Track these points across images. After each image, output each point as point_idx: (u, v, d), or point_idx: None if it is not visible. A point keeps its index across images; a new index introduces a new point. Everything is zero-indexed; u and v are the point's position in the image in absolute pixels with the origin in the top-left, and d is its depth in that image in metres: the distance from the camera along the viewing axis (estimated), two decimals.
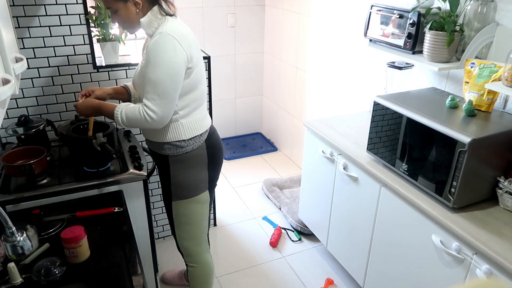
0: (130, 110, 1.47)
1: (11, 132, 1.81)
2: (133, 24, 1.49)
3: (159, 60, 1.38)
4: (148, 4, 1.46)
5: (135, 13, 1.45)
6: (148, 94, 1.42)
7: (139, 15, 1.46)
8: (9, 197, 1.53)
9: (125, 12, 1.44)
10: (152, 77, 1.40)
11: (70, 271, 1.23)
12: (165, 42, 1.38)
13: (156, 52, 1.38)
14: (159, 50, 1.38)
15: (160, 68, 1.38)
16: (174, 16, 1.50)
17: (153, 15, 1.46)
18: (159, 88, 1.40)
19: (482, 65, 1.60)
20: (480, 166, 1.47)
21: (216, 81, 3.62)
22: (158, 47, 1.38)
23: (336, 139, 2.05)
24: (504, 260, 1.25)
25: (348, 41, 2.59)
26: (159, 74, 1.39)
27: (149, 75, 1.41)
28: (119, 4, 1.43)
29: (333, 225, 2.20)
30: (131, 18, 1.47)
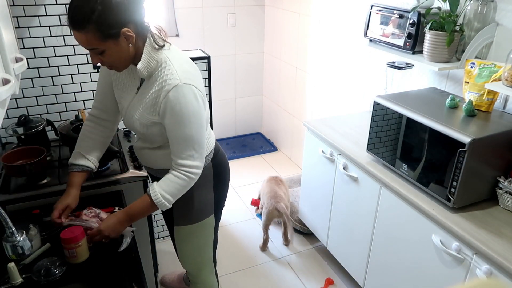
0: (169, 187, 1.30)
1: (11, 132, 1.81)
2: (124, 63, 1.25)
3: (185, 115, 1.23)
4: (139, 34, 1.21)
5: (127, 49, 1.19)
6: (182, 153, 1.28)
7: (132, 51, 1.21)
8: (9, 197, 1.53)
9: (115, 50, 1.17)
10: (182, 135, 1.26)
11: (70, 271, 1.23)
12: (185, 95, 1.22)
13: (180, 108, 1.22)
14: (182, 105, 1.22)
15: (189, 123, 1.25)
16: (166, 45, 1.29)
17: (147, 55, 1.23)
18: (194, 143, 1.28)
19: (482, 65, 1.60)
20: (480, 166, 1.47)
21: (216, 81, 3.62)
22: (180, 102, 1.22)
23: (336, 139, 2.05)
24: (504, 260, 1.25)
25: (348, 41, 2.59)
26: (191, 130, 1.26)
27: (178, 133, 1.26)
28: (108, 43, 1.15)
29: (333, 225, 2.20)
30: (123, 56, 1.21)
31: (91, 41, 1.13)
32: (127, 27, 1.15)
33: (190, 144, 1.27)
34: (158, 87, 1.24)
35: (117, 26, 1.13)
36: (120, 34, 1.14)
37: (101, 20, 1.10)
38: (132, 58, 1.24)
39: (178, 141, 1.27)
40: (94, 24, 1.10)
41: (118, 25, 1.13)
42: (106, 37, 1.13)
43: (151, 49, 1.24)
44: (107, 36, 1.13)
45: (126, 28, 1.15)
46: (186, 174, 1.30)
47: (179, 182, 1.30)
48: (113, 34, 1.14)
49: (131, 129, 1.41)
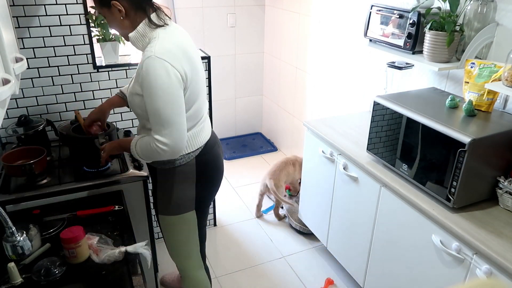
0: (143, 144, 1.39)
1: (11, 132, 1.81)
2: (123, 31, 1.40)
3: (153, 88, 1.28)
4: (135, 11, 1.35)
5: (120, 19, 1.35)
6: (153, 126, 1.34)
7: (126, 22, 1.36)
8: (9, 197, 1.53)
9: (111, 18, 1.36)
10: (151, 108, 1.31)
11: (70, 271, 1.23)
12: (155, 68, 1.27)
13: (149, 80, 1.28)
14: (151, 77, 1.27)
15: (156, 96, 1.29)
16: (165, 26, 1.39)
17: (141, 30, 1.36)
18: (161, 118, 1.31)
19: (482, 65, 1.60)
20: (480, 166, 1.47)
21: (216, 81, 3.62)
22: (149, 74, 1.27)
23: (336, 139, 2.05)
24: (504, 260, 1.25)
25: (348, 41, 2.59)
26: (158, 103, 1.29)
27: (148, 106, 1.32)
28: (104, 10, 1.35)
29: (333, 225, 2.20)
30: (119, 24, 1.37)
31: (96, 5, 1.37)
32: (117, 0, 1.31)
33: (158, 119, 1.31)
34: (141, 59, 1.34)
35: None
36: (111, 5, 1.31)
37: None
38: (129, 29, 1.37)
39: (149, 113, 1.33)
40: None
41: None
42: (102, 4, 1.33)
43: (146, 26, 1.36)
44: (102, 4, 1.33)
45: (115, 1, 1.30)
46: (156, 146, 1.34)
47: (150, 148, 1.36)
48: (106, 3, 1.32)
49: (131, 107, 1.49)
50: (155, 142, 1.34)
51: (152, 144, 1.34)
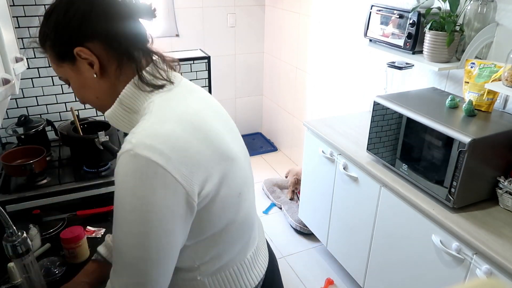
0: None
1: (11, 132, 1.81)
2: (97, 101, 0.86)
3: (121, 204, 0.72)
4: (118, 62, 0.81)
5: (93, 80, 0.81)
6: (114, 264, 0.79)
7: (102, 85, 0.82)
8: (9, 197, 1.53)
9: (75, 79, 0.83)
10: (115, 238, 0.75)
11: (70, 271, 1.23)
12: (133, 173, 0.69)
13: (117, 190, 0.72)
14: (120, 186, 0.71)
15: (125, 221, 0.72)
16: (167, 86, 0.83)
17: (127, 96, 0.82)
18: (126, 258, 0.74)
19: (482, 65, 1.60)
20: (480, 166, 1.47)
21: (216, 81, 3.62)
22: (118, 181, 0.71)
23: (336, 139, 2.05)
24: (504, 260, 1.25)
25: (348, 41, 2.59)
26: (124, 234, 0.73)
27: (113, 232, 0.76)
28: (65, 67, 0.82)
29: (333, 225, 2.20)
30: (90, 90, 0.83)
31: (52, 65, 0.84)
32: (84, 46, 0.78)
33: (117, 257, 0.76)
34: None
35: (71, 42, 0.78)
36: (75, 55, 0.79)
37: (58, 33, 0.80)
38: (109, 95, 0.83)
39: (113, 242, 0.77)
40: (50, 39, 0.82)
41: (72, 41, 0.78)
42: (61, 58, 0.81)
43: (136, 89, 0.81)
44: (61, 57, 0.81)
45: (80, 47, 0.78)
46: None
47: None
48: (67, 54, 0.80)
49: None
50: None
51: None
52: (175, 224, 0.73)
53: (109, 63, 0.80)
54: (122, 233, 0.73)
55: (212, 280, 0.86)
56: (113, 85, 0.82)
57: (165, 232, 0.72)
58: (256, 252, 0.94)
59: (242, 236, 0.88)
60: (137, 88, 0.81)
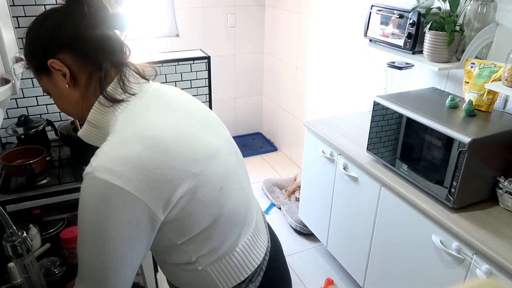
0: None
1: (11, 132, 1.81)
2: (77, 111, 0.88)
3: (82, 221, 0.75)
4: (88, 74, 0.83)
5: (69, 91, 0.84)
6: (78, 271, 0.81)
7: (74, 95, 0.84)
8: (9, 197, 1.53)
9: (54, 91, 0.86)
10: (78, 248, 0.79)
11: (70, 271, 1.23)
12: (92, 194, 0.73)
13: (80, 207, 0.75)
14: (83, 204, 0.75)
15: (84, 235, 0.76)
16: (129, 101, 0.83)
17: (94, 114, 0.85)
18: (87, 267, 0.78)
19: (482, 65, 1.60)
20: (480, 166, 1.47)
21: (216, 81, 3.62)
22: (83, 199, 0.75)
23: (336, 139, 2.05)
24: (504, 260, 1.25)
25: (348, 41, 2.59)
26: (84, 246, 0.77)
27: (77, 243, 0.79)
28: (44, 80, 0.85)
29: (333, 225, 2.20)
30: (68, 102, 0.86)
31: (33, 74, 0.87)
32: (55, 57, 0.80)
33: (80, 266, 0.79)
34: None
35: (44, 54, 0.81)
36: (49, 68, 0.81)
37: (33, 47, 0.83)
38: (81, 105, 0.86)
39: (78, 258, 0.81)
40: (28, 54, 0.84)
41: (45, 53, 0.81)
42: (38, 70, 0.84)
43: (100, 106, 0.83)
44: (39, 69, 0.84)
45: (52, 59, 0.80)
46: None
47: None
48: (42, 66, 0.82)
49: None
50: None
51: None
52: (135, 236, 0.75)
53: (79, 73, 0.82)
54: (83, 244, 0.76)
55: (215, 268, 0.88)
56: (84, 95, 0.84)
57: (122, 244, 0.75)
58: (255, 234, 0.96)
59: (234, 226, 0.89)
60: (100, 104, 0.83)
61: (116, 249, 0.75)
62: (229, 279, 0.91)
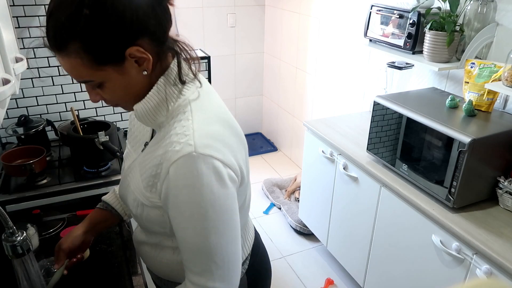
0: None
1: (11, 132, 1.81)
2: (135, 97, 0.80)
3: (197, 209, 0.74)
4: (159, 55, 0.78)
5: (139, 79, 0.77)
6: (194, 265, 0.79)
7: (144, 80, 0.78)
8: (9, 197, 1.53)
9: (119, 82, 0.76)
10: (193, 240, 0.77)
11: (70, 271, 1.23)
12: (202, 174, 0.72)
13: (187, 195, 0.74)
14: (189, 189, 0.73)
15: (204, 222, 0.75)
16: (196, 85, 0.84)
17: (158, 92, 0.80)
18: (214, 255, 0.77)
19: (482, 65, 1.60)
20: (480, 166, 1.47)
21: (216, 81, 3.62)
22: (188, 185, 0.73)
23: (336, 139, 2.05)
24: (504, 260, 1.25)
25: (348, 41, 2.59)
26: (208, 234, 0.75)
27: (186, 235, 0.77)
28: (106, 71, 0.73)
29: (333, 225, 2.20)
30: (133, 90, 0.79)
31: (79, 68, 0.72)
32: (137, 45, 0.72)
33: (206, 256, 0.77)
34: (163, 150, 0.77)
35: (120, 42, 0.71)
36: (125, 56, 0.72)
37: (93, 34, 0.68)
38: (148, 90, 0.80)
39: (187, 248, 0.79)
40: (80, 41, 0.69)
41: (122, 41, 0.71)
42: (102, 61, 0.71)
43: (167, 84, 0.80)
44: (103, 60, 0.71)
45: (136, 46, 0.72)
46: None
47: None
48: (114, 56, 0.72)
49: (125, 203, 0.96)
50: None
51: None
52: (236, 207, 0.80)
53: (156, 58, 0.78)
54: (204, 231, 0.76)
55: None
56: (152, 80, 0.80)
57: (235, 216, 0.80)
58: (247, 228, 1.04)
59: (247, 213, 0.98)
60: (166, 83, 0.80)
61: (233, 223, 0.79)
62: None
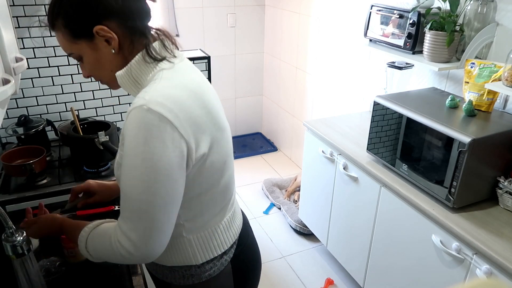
0: (99, 241, 0.91)
1: (11, 132, 1.81)
2: (110, 75, 0.92)
3: (133, 157, 0.80)
4: (131, 39, 0.88)
5: (109, 55, 0.88)
6: (121, 209, 0.86)
7: (118, 60, 0.89)
8: (9, 197, 1.53)
9: (92, 56, 0.88)
10: (124, 185, 0.83)
11: (70, 271, 1.23)
12: (145, 125, 0.78)
13: (129, 139, 0.80)
14: (132, 135, 0.80)
15: (135, 170, 0.80)
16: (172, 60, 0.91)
17: (135, 66, 0.89)
18: (134, 205, 0.82)
19: (482, 65, 1.60)
20: (480, 166, 1.47)
21: (216, 81, 3.62)
22: (131, 131, 0.80)
23: (336, 139, 2.05)
24: (504, 260, 1.25)
25: (348, 41, 2.59)
26: (134, 181, 0.81)
27: (122, 180, 0.84)
28: (80, 44, 0.86)
29: (333, 225, 2.20)
30: (105, 65, 0.90)
31: (63, 42, 0.88)
32: (102, 24, 0.84)
33: (128, 204, 0.83)
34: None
35: (89, 20, 0.84)
36: (94, 34, 0.84)
37: (69, 12, 0.84)
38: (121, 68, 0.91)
39: (121, 193, 0.85)
40: (62, 18, 0.85)
41: (90, 20, 0.84)
42: (77, 35, 0.85)
43: (142, 61, 0.89)
44: (77, 34, 0.85)
45: (100, 25, 0.84)
46: (117, 242, 0.85)
47: (107, 246, 0.88)
48: (85, 32, 0.85)
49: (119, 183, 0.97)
50: (118, 238, 0.85)
51: (113, 238, 0.86)
52: (179, 175, 0.83)
53: (124, 39, 0.88)
54: (133, 179, 0.81)
55: (198, 238, 0.97)
56: (125, 59, 0.90)
57: (171, 181, 0.82)
58: (233, 217, 1.06)
59: (222, 200, 0.99)
60: (144, 61, 0.89)
61: (165, 184, 0.81)
62: (208, 252, 0.99)
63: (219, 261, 1.01)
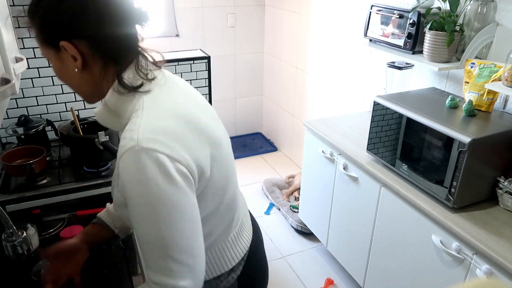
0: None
1: (11, 132, 1.81)
2: (79, 89, 0.88)
3: (143, 202, 0.75)
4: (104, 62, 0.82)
5: (74, 73, 0.83)
6: (153, 262, 0.78)
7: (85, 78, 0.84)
8: (9, 197, 1.53)
9: (57, 65, 0.84)
10: (145, 233, 0.77)
11: None
12: (144, 167, 0.73)
13: (132, 188, 0.75)
14: (133, 183, 0.74)
15: (152, 214, 0.75)
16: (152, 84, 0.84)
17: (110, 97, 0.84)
18: (169, 249, 0.76)
19: (482, 65, 1.60)
20: (480, 166, 1.47)
21: (216, 81, 3.62)
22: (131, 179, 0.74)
23: (336, 139, 2.05)
24: (504, 260, 1.25)
25: (348, 41, 2.59)
26: (157, 227, 0.75)
27: (138, 229, 0.78)
28: (48, 50, 0.83)
29: (333, 225, 2.20)
30: (70, 79, 0.86)
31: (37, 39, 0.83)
32: (71, 41, 0.78)
33: (161, 251, 0.76)
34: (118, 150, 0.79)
35: (58, 33, 0.79)
36: (60, 47, 0.79)
37: (46, 22, 0.79)
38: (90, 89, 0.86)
39: (143, 243, 0.78)
40: (39, 18, 0.80)
41: (59, 33, 0.78)
42: (45, 41, 0.81)
43: (117, 93, 0.83)
44: (46, 40, 0.81)
45: (67, 42, 0.78)
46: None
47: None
48: (52, 42, 0.80)
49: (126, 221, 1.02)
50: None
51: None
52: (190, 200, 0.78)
53: (93, 62, 0.82)
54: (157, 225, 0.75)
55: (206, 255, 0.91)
56: (96, 82, 0.84)
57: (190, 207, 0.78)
58: (240, 230, 1.01)
59: (227, 216, 0.95)
60: (119, 92, 0.83)
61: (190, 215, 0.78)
62: (215, 269, 0.95)
63: (226, 278, 0.97)
